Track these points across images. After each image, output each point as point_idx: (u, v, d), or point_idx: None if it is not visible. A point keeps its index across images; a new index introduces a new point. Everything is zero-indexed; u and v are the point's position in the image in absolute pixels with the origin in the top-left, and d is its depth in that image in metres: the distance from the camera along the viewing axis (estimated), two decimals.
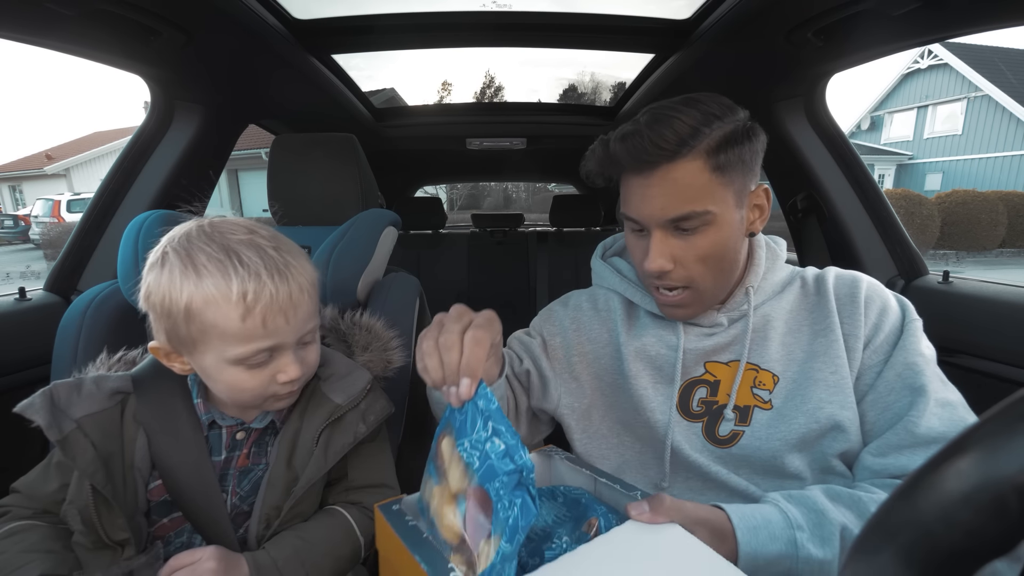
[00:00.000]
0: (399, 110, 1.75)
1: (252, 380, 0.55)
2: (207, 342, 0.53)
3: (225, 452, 0.61)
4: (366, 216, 0.91)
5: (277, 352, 0.56)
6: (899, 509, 0.23)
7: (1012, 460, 0.19)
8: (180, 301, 0.51)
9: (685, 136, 0.55)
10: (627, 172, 0.60)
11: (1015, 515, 0.19)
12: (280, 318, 0.54)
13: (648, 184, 0.58)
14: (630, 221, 0.63)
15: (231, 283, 0.51)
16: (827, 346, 0.62)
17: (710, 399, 0.66)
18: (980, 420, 0.22)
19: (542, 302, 2.24)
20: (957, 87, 13.77)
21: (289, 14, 0.99)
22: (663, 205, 0.58)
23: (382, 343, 0.74)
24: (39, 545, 0.53)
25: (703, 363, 0.67)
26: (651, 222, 0.59)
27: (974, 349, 0.90)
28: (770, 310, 0.66)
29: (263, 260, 0.54)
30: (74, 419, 0.54)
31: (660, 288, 0.63)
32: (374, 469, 0.68)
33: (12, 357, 0.93)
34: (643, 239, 0.62)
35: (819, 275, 0.68)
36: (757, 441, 0.62)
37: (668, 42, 1.13)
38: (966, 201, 9.29)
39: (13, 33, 0.79)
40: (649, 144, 0.56)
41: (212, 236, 0.54)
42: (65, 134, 58.75)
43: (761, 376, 0.64)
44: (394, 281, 0.89)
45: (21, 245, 13.16)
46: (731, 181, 0.58)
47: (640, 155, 0.57)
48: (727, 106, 0.59)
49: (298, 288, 0.55)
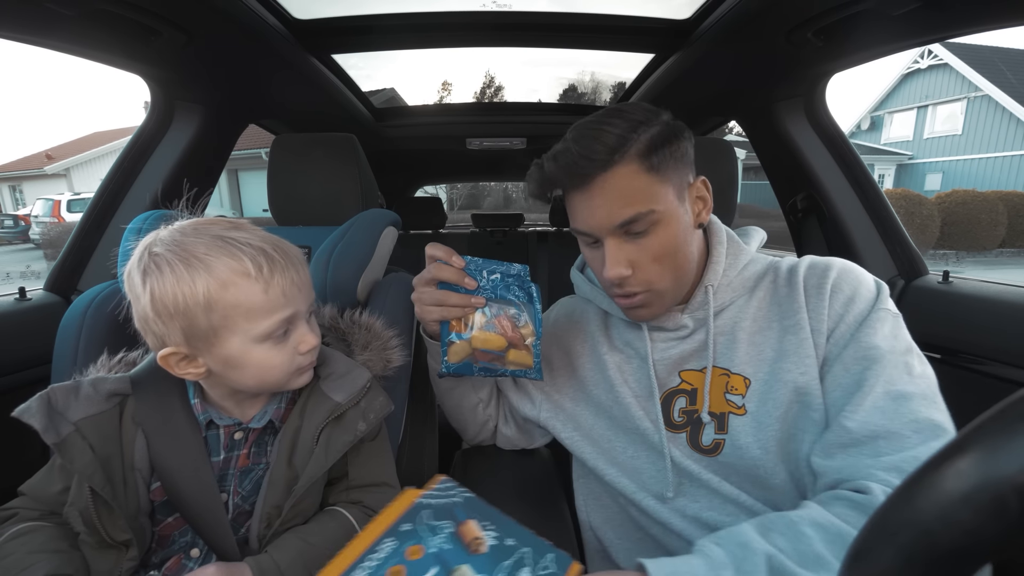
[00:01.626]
0: (399, 110, 1.75)
1: (279, 355, 0.57)
2: (232, 326, 0.54)
3: (224, 452, 0.61)
4: (366, 216, 0.91)
5: (293, 323, 0.58)
6: (899, 509, 0.23)
7: (1012, 460, 0.19)
8: (197, 294, 0.51)
9: (614, 145, 0.57)
10: (568, 190, 0.62)
11: (1015, 515, 0.19)
12: (294, 288, 0.56)
13: (589, 196, 0.60)
14: (582, 235, 0.64)
15: (243, 261, 0.53)
16: (797, 344, 0.60)
17: (690, 408, 0.65)
18: (980, 420, 0.22)
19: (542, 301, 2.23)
20: (957, 87, 13.77)
21: (289, 14, 0.99)
22: (608, 213, 0.59)
23: (382, 342, 0.74)
24: (46, 545, 0.53)
25: (677, 372, 0.67)
26: (601, 231, 0.60)
27: (974, 349, 0.90)
28: (737, 310, 0.65)
29: (259, 238, 0.56)
30: (72, 422, 0.54)
31: (620, 294, 0.64)
32: (375, 468, 0.68)
33: (12, 357, 0.93)
34: (598, 250, 0.63)
35: (791, 266, 0.66)
36: (738, 450, 0.61)
37: (668, 42, 1.13)
38: (966, 201, 9.30)
39: (13, 33, 0.79)
40: (580, 159, 0.58)
41: (198, 231, 0.54)
42: (65, 134, 58.75)
43: (732, 380, 0.63)
44: (394, 281, 0.89)
45: (21, 245, 13.16)
46: (668, 178, 0.59)
47: (574, 170, 0.59)
48: (650, 111, 0.61)
49: (298, 260, 0.58)
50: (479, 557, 0.43)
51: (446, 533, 0.46)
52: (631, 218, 0.58)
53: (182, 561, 0.60)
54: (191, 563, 0.59)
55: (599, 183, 0.58)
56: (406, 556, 0.43)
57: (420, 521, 0.47)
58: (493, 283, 0.61)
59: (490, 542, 0.45)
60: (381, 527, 0.46)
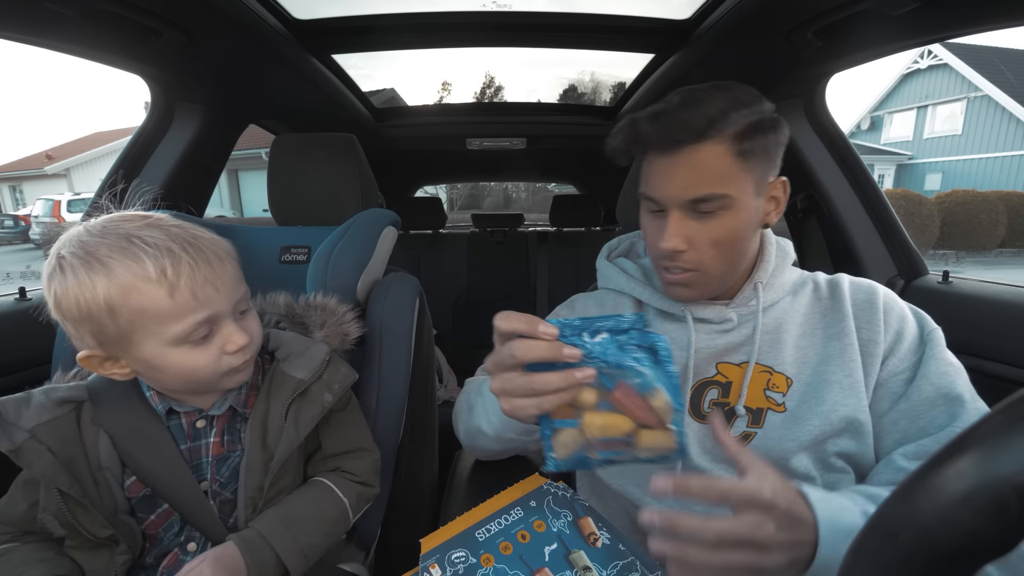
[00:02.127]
0: (399, 110, 1.74)
1: (202, 357, 0.54)
2: (142, 331, 0.51)
3: (189, 442, 0.61)
4: (366, 216, 0.91)
5: (216, 323, 0.55)
6: (899, 509, 0.23)
7: (1012, 460, 0.19)
8: (98, 298, 0.49)
9: (714, 119, 0.56)
10: (652, 151, 0.60)
11: (1015, 515, 0.19)
12: (208, 287, 0.53)
13: (672, 164, 0.58)
14: (648, 200, 0.63)
15: (144, 264, 0.49)
16: (841, 349, 0.62)
17: (721, 400, 0.65)
18: (979, 420, 0.22)
19: (542, 302, 2.24)
20: (957, 87, 13.77)
21: (289, 14, 0.99)
22: (685, 185, 0.58)
23: (337, 318, 0.75)
24: (30, 556, 0.54)
25: (715, 364, 0.67)
26: (671, 202, 0.59)
27: (974, 349, 0.90)
28: (782, 312, 0.67)
29: (168, 236, 0.52)
30: (26, 429, 0.53)
31: (669, 268, 0.63)
32: (348, 435, 0.70)
33: (12, 357, 0.93)
34: (659, 219, 0.62)
35: (832, 280, 0.69)
36: (769, 442, 0.62)
37: (668, 42, 1.13)
38: (966, 201, 9.29)
39: (13, 33, 0.79)
40: (678, 124, 0.56)
41: (106, 230, 0.51)
42: (65, 134, 58.76)
43: (775, 379, 0.64)
44: (394, 281, 0.89)
45: (21, 245, 13.16)
46: (752, 168, 0.59)
47: (668, 134, 0.57)
48: (755, 95, 0.60)
49: (215, 256, 0.55)
50: (594, 550, 0.49)
51: (566, 520, 0.51)
52: (704, 196, 0.57)
53: (179, 557, 0.60)
54: (188, 557, 0.60)
55: (686, 153, 0.57)
56: (533, 526, 0.50)
57: (545, 503, 0.53)
58: (602, 346, 0.46)
59: (604, 541, 0.50)
60: (512, 496, 0.54)
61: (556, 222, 2.40)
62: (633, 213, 0.92)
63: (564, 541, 0.49)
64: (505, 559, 0.48)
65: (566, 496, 0.55)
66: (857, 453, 0.60)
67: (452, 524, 0.52)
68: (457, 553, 0.48)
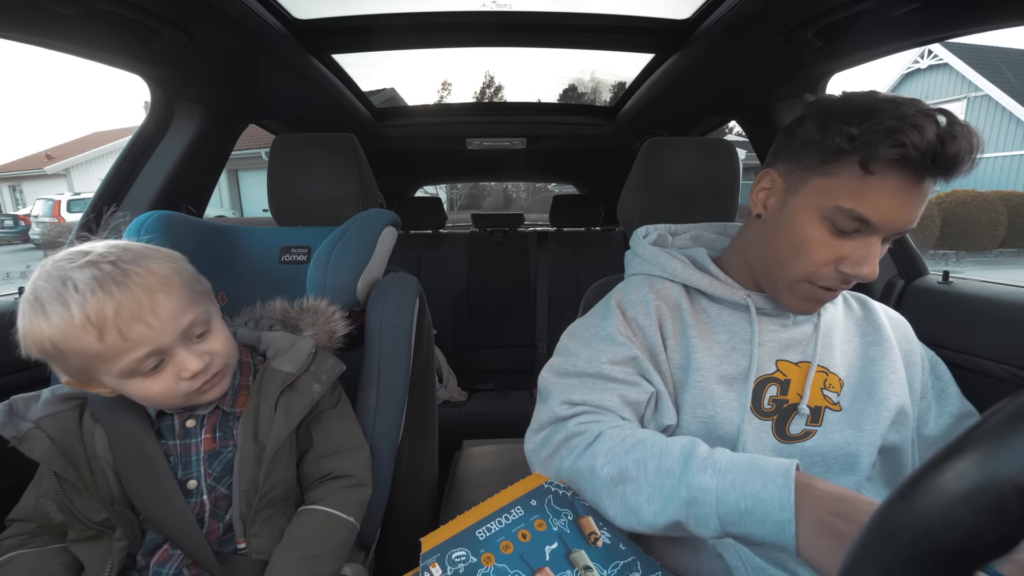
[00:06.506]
0: (399, 110, 1.74)
1: (156, 385, 0.56)
2: (93, 367, 0.54)
3: (179, 440, 0.63)
4: (365, 216, 0.91)
5: (165, 353, 0.55)
6: (899, 509, 0.23)
7: (1012, 460, 0.19)
8: (45, 341, 0.51)
9: (971, 159, 0.51)
10: (895, 166, 0.52)
11: (1015, 515, 0.19)
12: (139, 325, 0.52)
13: (917, 192, 0.53)
14: (859, 221, 0.55)
15: (71, 309, 0.50)
16: (882, 353, 0.67)
17: (780, 397, 0.65)
18: (980, 420, 0.22)
19: (542, 301, 2.24)
20: (957, 87, 13.76)
21: (289, 14, 0.99)
22: (913, 218, 0.55)
23: (326, 318, 0.78)
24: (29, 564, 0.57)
25: (775, 360, 0.67)
26: (889, 230, 0.55)
27: (974, 349, 0.90)
28: (831, 316, 0.70)
29: (96, 277, 0.51)
30: (32, 420, 0.57)
31: (833, 288, 0.60)
32: (339, 434, 0.72)
33: (12, 357, 0.93)
34: (845, 240, 0.57)
35: (859, 296, 0.75)
36: (828, 438, 0.63)
37: (668, 42, 1.13)
38: (966, 201, 9.28)
39: (13, 33, 0.79)
40: (965, 156, 0.50)
41: (51, 272, 0.52)
42: (65, 134, 58.75)
43: (830, 379, 0.66)
44: (394, 281, 0.89)
45: (21, 245, 13.16)
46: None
47: (951, 162, 0.50)
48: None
49: (144, 291, 0.53)
50: (595, 549, 0.49)
51: (567, 519, 0.52)
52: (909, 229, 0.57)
53: (170, 551, 0.62)
54: (177, 551, 0.62)
55: (928, 185, 0.53)
56: (533, 525, 0.51)
57: (546, 502, 0.54)
58: None
59: (605, 540, 0.50)
60: (513, 495, 0.55)
61: (556, 222, 2.40)
62: (633, 213, 0.92)
63: (565, 540, 0.50)
64: (506, 558, 0.48)
65: (567, 495, 0.55)
66: (900, 445, 0.64)
67: (452, 523, 0.52)
68: (458, 552, 0.48)
